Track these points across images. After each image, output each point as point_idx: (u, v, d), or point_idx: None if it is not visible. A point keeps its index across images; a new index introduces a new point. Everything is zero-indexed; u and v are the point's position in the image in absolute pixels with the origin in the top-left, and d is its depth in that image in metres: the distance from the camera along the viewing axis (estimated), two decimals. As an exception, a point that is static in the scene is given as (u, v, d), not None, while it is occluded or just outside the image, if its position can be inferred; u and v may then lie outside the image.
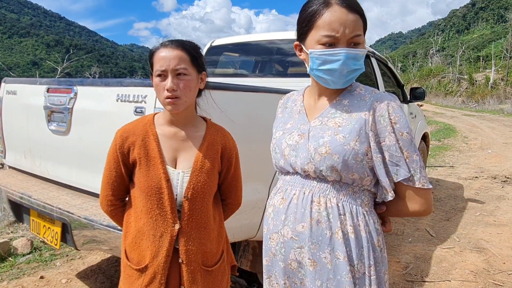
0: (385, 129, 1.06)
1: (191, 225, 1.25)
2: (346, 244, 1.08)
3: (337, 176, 1.08)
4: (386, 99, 1.09)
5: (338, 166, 1.06)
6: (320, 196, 1.10)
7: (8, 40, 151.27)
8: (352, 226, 1.08)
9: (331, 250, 1.08)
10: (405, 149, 1.06)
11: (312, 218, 1.09)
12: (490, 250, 3.47)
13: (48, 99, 2.20)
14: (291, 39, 3.58)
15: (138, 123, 1.29)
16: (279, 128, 1.25)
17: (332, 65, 1.06)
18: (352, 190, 1.11)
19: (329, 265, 1.08)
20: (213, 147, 1.30)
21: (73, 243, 1.99)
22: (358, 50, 1.06)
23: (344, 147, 1.06)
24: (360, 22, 1.06)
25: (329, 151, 1.07)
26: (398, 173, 1.07)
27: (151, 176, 1.22)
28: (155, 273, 1.23)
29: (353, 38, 1.05)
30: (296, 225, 1.11)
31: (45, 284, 2.76)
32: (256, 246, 2.39)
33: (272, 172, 2.17)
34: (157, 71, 1.19)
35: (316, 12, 1.06)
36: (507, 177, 6.17)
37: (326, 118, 1.14)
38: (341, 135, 1.08)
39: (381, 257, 1.12)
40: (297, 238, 1.11)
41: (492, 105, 21.57)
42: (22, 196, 2.21)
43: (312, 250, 1.09)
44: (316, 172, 1.10)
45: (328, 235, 1.08)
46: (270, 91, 2.22)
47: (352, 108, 1.12)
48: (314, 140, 1.11)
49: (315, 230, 1.09)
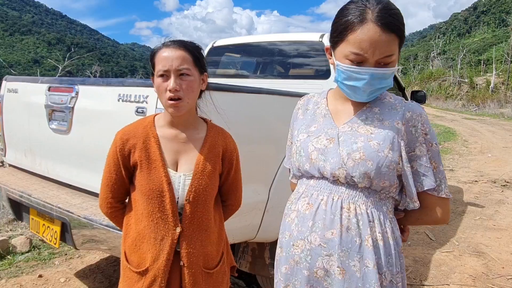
0: (417, 139, 1.08)
1: (192, 228, 1.24)
2: (375, 251, 1.06)
3: (368, 182, 1.07)
4: (417, 109, 1.11)
5: (372, 172, 1.05)
6: (349, 202, 1.08)
7: (9, 38, 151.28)
8: (380, 233, 1.07)
9: (360, 258, 1.06)
10: (434, 160, 1.09)
11: (342, 224, 1.07)
12: (489, 255, 3.47)
13: (50, 98, 2.20)
14: (292, 41, 3.61)
15: (139, 125, 1.28)
16: (302, 130, 1.21)
17: (356, 82, 1.05)
18: (379, 197, 1.10)
19: (358, 273, 1.06)
20: (214, 150, 1.29)
21: (73, 242, 1.99)
22: (385, 70, 1.03)
23: (379, 154, 1.05)
24: (395, 42, 1.03)
25: (363, 157, 1.05)
26: (424, 183, 1.09)
27: (152, 179, 1.21)
28: (156, 276, 1.22)
29: (383, 59, 1.02)
30: (325, 232, 1.07)
31: (43, 283, 2.76)
32: (255, 247, 2.39)
33: (272, 173, 2.17)
34: (159, 71, 1.18)
35: (350, 26, 1.03)
36: (507, 182, 6.17)
37: (356, 124, 1.12)
38: (375, 142, 1.07)
39: (403, 264, 1.14)
40: (326, 246, 1.07)
41: (493, 109, 21.58)
42: (22, 194, 2.21)
43: (342, 258, 1.06)
44: (347, 178, 1.08)
45: (358, 243, 1.06)
46: (272, 92, 2.22)
47: (384, 116, 1.11)
48: (346, 146, 1.09)
49: (345, 237, 1.06)
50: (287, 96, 2.38)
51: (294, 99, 2.41)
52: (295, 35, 3.65)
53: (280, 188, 2.19)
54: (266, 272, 2.35)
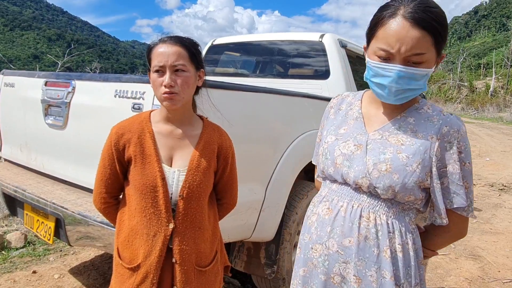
0: (451, 156, 1.02)
1: (185, 224, 1.23)
2: (393, 263, 1.03)
3: (392, 195, 1.04)
4: (456, 125, 1.04)
5: (397, 187, 1.02)
6: (369, 211, 1.06)
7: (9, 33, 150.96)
8: (400, 244, 1.04)
9: (378, 268, 1.04)
10: (466, 179, 1.04)
11: (360, 233, 1.04)
12: (486, 258, 3.46)
13: (46, 93, 2.18)
14: (292, 40, 3.60)
15: (134, 120, 1.28)
16: (331, 132, 1.18)
17: (382, 79, 1.01)
18: (402, 208, 1.07)
19: (374, 284, 1.04)
20: (210, 146, 1.29)
21: (66, 239, 1.97)
22: (414, 69, 0.97)
23: (407, 168, 1.01)
24: (428, 39, 0.96)
25: (390, 170, 1.02)
26: (453, 201, 1.05)
27: (146, 174, 1.20)
28: (147, 273, 1.21)
29: (411, 57, 0.97)
30: (342, 239, 1.06)
31: (37, 279, 2.74)
32: (250, 247, 2.38)
33: (269, 173, 2.16)
34: (155, 67, 1.18)
35: (380, 21, 1.00)
36: (504, 185, 6.17)
37: (387, 133, 1.08)
38: (404, 155, 1.02)
39: (423, 277, 1.12)
40: (343, 253, 1.06)
41: (492, 113, 21.62)
42: (16, 189, 2.19)
43: (358, 267, 1.05)
44: (370, 187, 1.05)
45: (376, 253, 1.04)
46: (269, 91, 2.21)
47: (418, 127, 1.06)
48: (373, 155, 1.06)
49: (363, 247, 1.04)
50: (285, 96, 2.37)
51: (292, 99, 2.42)
52: (295, 34, 3.64)
53: (276, 188, 2.18)
54: (261, 272, 2.34)
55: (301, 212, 2.45)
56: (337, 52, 3.14)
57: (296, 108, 2.41)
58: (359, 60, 3.61)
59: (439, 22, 0.96)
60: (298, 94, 2.53)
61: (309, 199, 2.52)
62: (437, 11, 0.97)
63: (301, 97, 2.52)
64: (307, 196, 2.49)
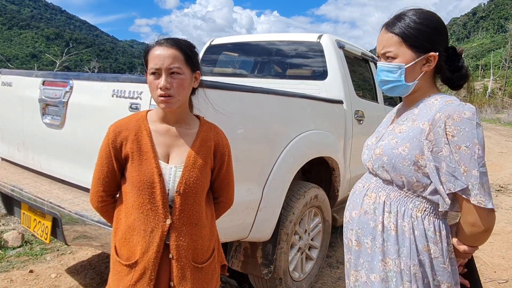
0: (441, 140, 1.11)
1: (182, 220, 1.24)
2: (385, 238, 1.21)
3: (387, 175, 1.22)
4: (449, 111, 1.10)
5: (387, 166, 1.20)
6: (373, 191, 1.27)
7: (7, 32, 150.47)
8: (394, 224, 1.19)
9: (372, 238, 1.24)
10: (463, 162, 1.08)
11: (362, 208, 1.28)
12: (482, 259, 3.48)
13: (44, 92, 2.18)
14: (290, 41, 3.60)
15: (131, 119, 1.29)
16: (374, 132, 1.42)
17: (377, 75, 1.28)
18: (404, 194, 1.21)
19: (369, 250, 1.25)
20: (206, 144, 1.30)
21: (63, 238, 1.97)
22: (386, 64, 1.22)
23: (393, 151, 1.19)
24: (396, 39, 1.19)
25: (381, 153, 1.23)
26: (455, 184, 1.10)
27: (143, 171, 1.21)
28: (145, 269, 1.22)
29: (385, 54, 1.22)
30: (351, 211, 1.33)
31: (34, 278, 2.74)
32: (247, 246, 2.38)
33: (266, 172, 2.17)
34: (151, 69, 1.20)
35: None
36: (501, 186, 6.20)
37: (397, 125, 1.27)
38: (395, 140, 1.21)
39: (432, 264, 1.16)
40: (351, 222, 1.32)
41: (489, 114, 21.69)
42: (13, 188, 2.19)
43: (358, 234, 1.28)
44: (373, 169, 1.27)
45: (372, 226, 1.24)
46: (267, 92, 2.21)
47: (418, 117, 1.20)
48: (377, 142, 1.30)
49: (362, 219, 1.27)
50: (283, 96, 2.38)
51: (289, 99, 2.43)
52: (293, 35, 3.65)
53: (273, 188, 2.19)
54: (258, 272, 2.35)
55: (298, 212, 2.45)
56: (334, 53, 3.15)
57: (294, 108, 2.42)
58: (357, 61, 3.62)
59: (409, 26, 1.18)
60: (295, 94, 2.54)
61: (306, 199, 2.53)
62: (412, 18, 1.19)
63: (298, 97, 2.53)
64: (304, 196, 2.50)
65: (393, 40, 1.19)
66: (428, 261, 1.16)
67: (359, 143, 3.25)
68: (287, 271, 2.46)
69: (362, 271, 1.28)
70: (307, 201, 2.54)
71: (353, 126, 3.12)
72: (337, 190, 3.01)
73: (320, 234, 2.87)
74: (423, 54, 1.18)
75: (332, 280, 2.95)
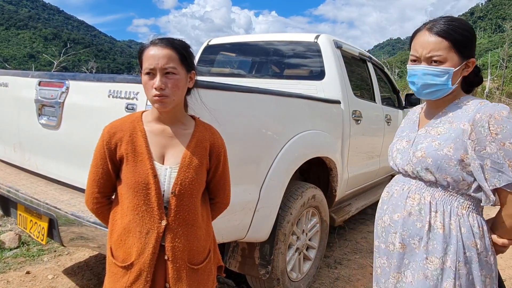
0: (486, 138, 1.16)
1: (178, 222, 1.24)
2: (432, 237, 1.24)
3: (431, 176, 1.25)
4: (489, 110, 1.18)
5: (432, 168, 1.23)
6: (415, 193, 1.30)
7: (5, 32, 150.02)
8: (441, 223, 1.23)
9: (420, 239, 1.27)
10: (508, 157, 1.15)
11: (406, 210, 1.30)
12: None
13: (40, 93, 2.17)
14: (288, 41, 3.60)
15: (126, 120, 1.28)
16: (397, 135, 1.47)
17: (412, 77, 1.29)
18: (449, 193, 1.25)
19: (416, 250, 1.28)
20: (202, 144, 1.29)
21: (60, 239, 1.96)
22: (434, 68, 1.23)
23: (438, 152, 1.23)
24: (445, 44, 1.21)
25: (424, 155, 1.25)
26: (501, 179, 1.16)
27: (138, 172, 1.21)
28: (141, 271, 1.21)
29: (432, 57, 1.22)
30: (393, 214, 1.34)
31: (31, 280, 2.73)
32: (245, 247, 2.38)
33: (263, 173, 2.16)
34: (145, 69, 1.19)
35: (413, 36, 1.30)
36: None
37: (430, 128, 1.31)
38: (437, 142, 1.25)
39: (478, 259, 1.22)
40: (393, 225, 1.34)
41: (487, 114, 21.73)
42: (9, 189, 2.18)
43: (403, 236, 1.30)
44: (414, 172, 1.30)
45: (419, 226, 1.27)
46: (264, 92, 2.21)
47: (454, 119, 1.26)
48: (414, 146, 1.32)
49: (407, 221, 1.29)
50: (280, 96, 2.37)
51: (287, 99, 2.43)
52: (290, 35, 3.64)
53: (271, 188, 2.18)
54: (256, 272, 2.34)
55: (296, 213, 2.45)
56: (332, 53, 3.15)
57: (291, 108, 2.42)
58: (354, 61, 3.63)
59: (457, 31, 1.22)
60: (292, 95, 2.54)
61: (304, 199, 2.52)
62: (456, 24, 1.23)
63: (296, 98, 2.53)
64: (301, 197, 2.49)
65: (442, 44, 1.21)
66: (476, 257, 1.22)
67: (356, 143, 3.25)
68: (284, 272, 2.46)
69: (407, 272, 1.31)
70: (305, 201, 2.54)
71: (351, 126, 3.12)
72: (335, 190, 3.01)
73: (318, 234, 2.87)
74: (466, 59, 1.24)
75: (330, 280, 2.95)
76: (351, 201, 3.66)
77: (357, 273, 3.10)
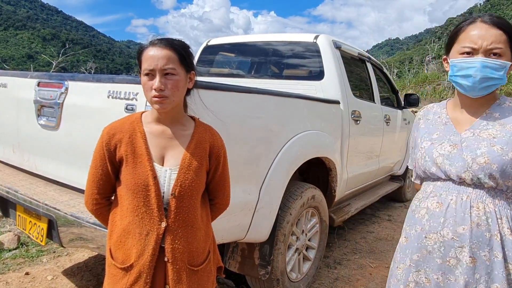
0: None
1: (177, 223, 1.23)
2: (504, 245, 1.20)
3: (494, 183, 1.20)
4: None
5: (497, 174, 1.18)
6: (478, 202, 1.23)
7: (3, 32, 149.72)
8: (509, 228, 1.20)
9: (490, 249, 1.20)
10: None
11: (473, 221, 1.22)
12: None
13: (39, 93, 2.17)
14: (287, 41, 3.60)
15: (125, 121, 1.28)
16: (425, 138, 1.36)
17: (467, 70, 1.20)
18: (506, 196, 1.23)
19: (488, 262, 1.21)
20: (201, 145, 1.29)
21: (59, 240, 1.96)
22: (496, 60, 1.18)
23: (503, 157, 1.18)
24: (504, 37, 1.18)
25: (488, 161, 1.19)
26: None
27: (138, 173, 1.20)
28: (141, 272, 1.21)
29: (492, 50, 1.18)
30: (456, 227, 1.24)
31: (30, 280, 2.72)
32: (245, 247, 2.38)
33: (263, 173, 2.16)
34: (145, 70, 1.19)
35: (461, 29, 1.24)
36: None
37: (478, 130, 1.25)
38: (498, 147, 1.19)
39: None
40: (458, 239, 1.24)
41: (486, 114, 21.71)
42: (8, 190, 2.17)
43: (473, 249, 1.22)
44: (473, 179, 1.22)
45: (488, 237, 1.21)
46: (263, 92, 2.21)
47: (505, 120, 1.23)
48: (469, 151, 1.23)
49: (475, 232, 1.21)
50: (279, 96, 2.37)
51: (286, 100, 2.43)
52: (290, 35, 3.64)
53: (270, 189, 2.18)
54: (256, 273, 2.34)
55: (295, 213, 2.45)
56: (331, 53, 3.15)
57: (290, 109, 2.42)
58: (353, 61, 3.63)
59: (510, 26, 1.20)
60: (292, 95, 2.54)
61: (303, 199, 2.52)
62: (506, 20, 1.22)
63: (295, 98, 2.53)
64: (301, 197, 2.50)
65: (502, 37, 1.19)
66: None
67: (356, 143, 3.25)
68: (284, 272, 2.46)
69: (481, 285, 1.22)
70: (304, 202, 2.54)
71: (350, 126, 3.12)
72: (334, 190, 3.01)
73: (317, 234, 2.87)
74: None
75: (330, 280, 2.95)
76: (351, 201, 3.66)
77: (356, 273, 3.10)
